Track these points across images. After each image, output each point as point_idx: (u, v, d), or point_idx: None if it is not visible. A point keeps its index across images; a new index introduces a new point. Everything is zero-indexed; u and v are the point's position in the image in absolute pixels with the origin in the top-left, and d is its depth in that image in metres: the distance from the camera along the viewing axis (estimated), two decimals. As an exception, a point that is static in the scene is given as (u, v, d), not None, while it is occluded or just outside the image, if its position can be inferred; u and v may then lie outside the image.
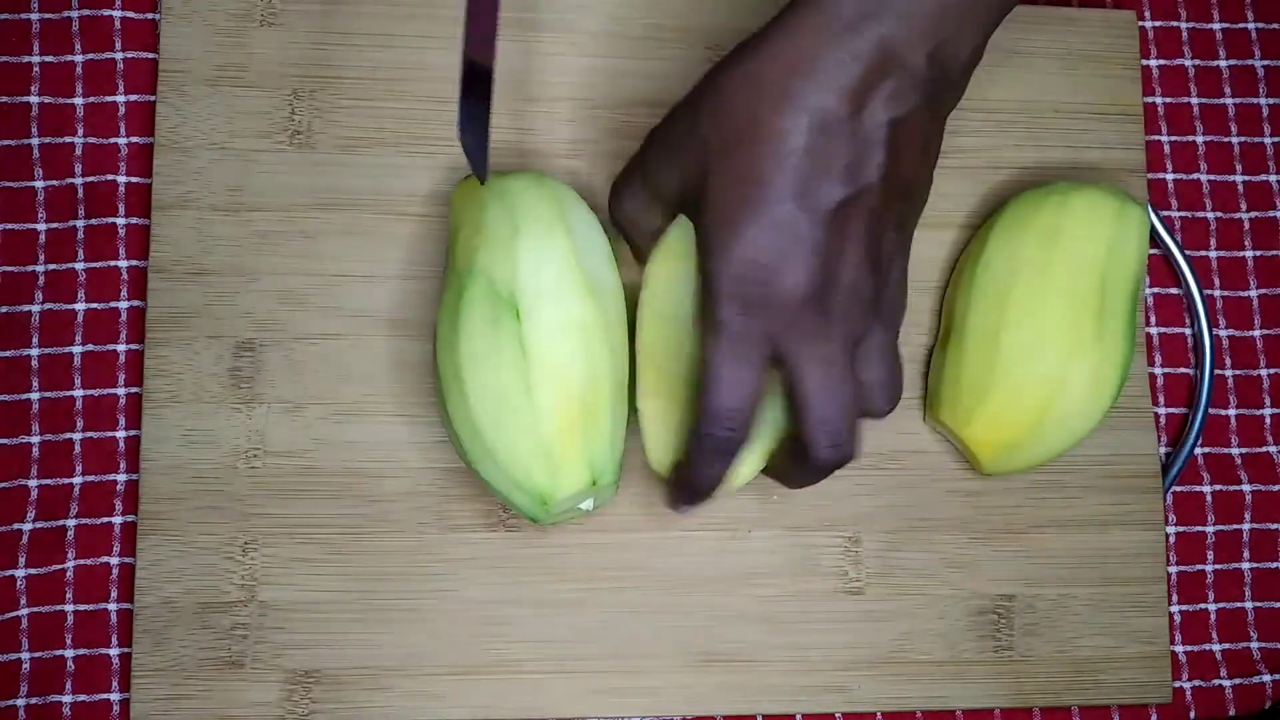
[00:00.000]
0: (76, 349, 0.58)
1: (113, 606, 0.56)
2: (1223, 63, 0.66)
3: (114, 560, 0.56)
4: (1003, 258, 0.57)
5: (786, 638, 0.58)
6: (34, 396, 0.57)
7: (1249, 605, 0.62)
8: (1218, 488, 0.62)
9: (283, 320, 0.58)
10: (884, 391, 0.51)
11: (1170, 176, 0.65)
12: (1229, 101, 0.66)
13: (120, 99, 0.59)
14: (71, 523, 0.56)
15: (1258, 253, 0.65)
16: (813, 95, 0.46)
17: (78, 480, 0.57)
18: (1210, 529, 0.62)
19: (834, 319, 0.48)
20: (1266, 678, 0.61)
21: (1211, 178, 0.65)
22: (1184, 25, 0.66)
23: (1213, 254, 0.65)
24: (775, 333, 0.48)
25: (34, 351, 0.57)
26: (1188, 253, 0.64)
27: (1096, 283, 0.56)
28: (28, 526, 0.56)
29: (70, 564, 0.56)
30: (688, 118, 0.50)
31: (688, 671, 0.57)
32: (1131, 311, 0.57)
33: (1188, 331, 0.64)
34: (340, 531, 0.57)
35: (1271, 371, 0.64)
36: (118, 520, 0.57)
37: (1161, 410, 0.63)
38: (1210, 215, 0.65)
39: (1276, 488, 0.63)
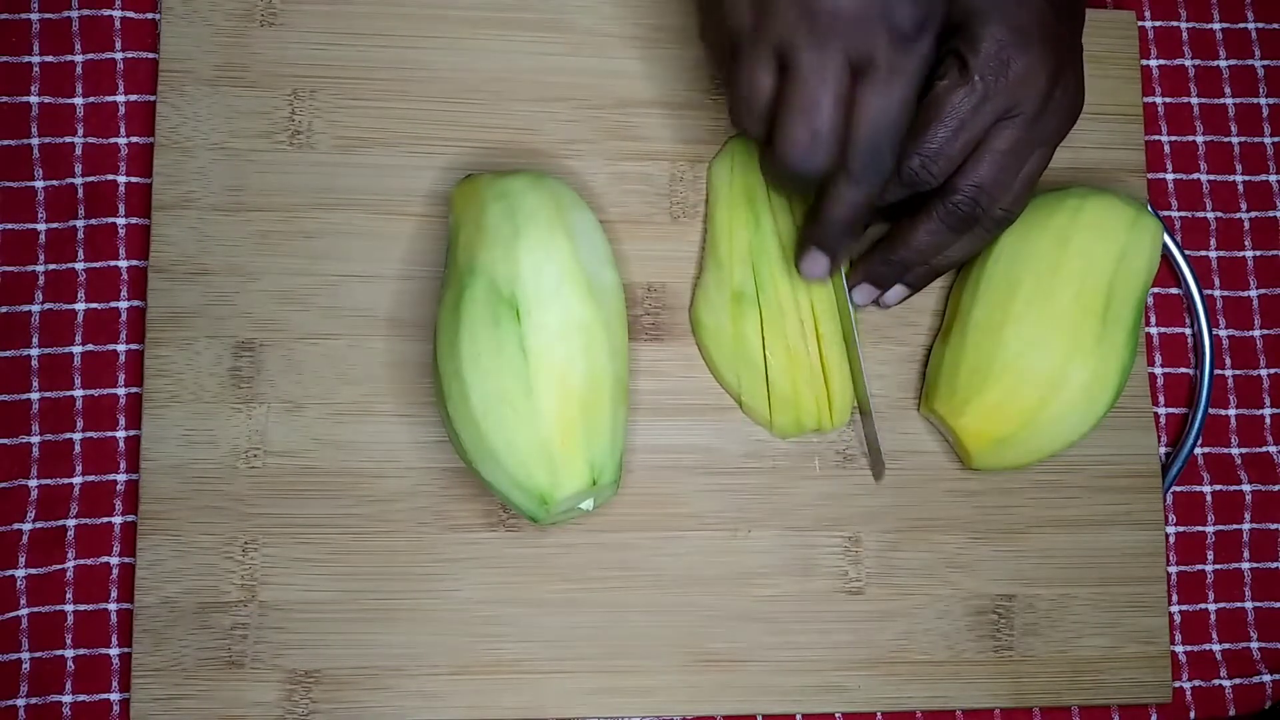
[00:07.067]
0: (76, 349, 0.57)
1: (113, 606, 0.56)
2: (1223, 63, 0.66)
3: (114, 560, 0.56)
4: (1014, 255, 0.57)
5: (786, 637, 0.58)
6: (34, 396, 0.57)
7: (1249, 605, 0.62)
8: (1218, 488, 0.62)
9: (283, 320, 0.58)
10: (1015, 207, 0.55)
11: (1170, 176, 0.65)
12: (1229, 101, 0.66)
13: (120, 99, 0.59)
14: (71, 523, 0.56)
15: (1258, 253, 0.65)
16: None
17: (78, 480, 0.57)
18: (1210, 529, 0.62)
19: (1048, 113, 0.52)
20: (1266, 678, 0.61)
21: (1211, 178, 0.65)
22: (1184, 25, 0.66)
23: (1213, 254, 0.65)
24: (1008, 106, 0.51)
25: (34, 351, 0.57)
26: (1187, 253, 0.64)
27: (1104, 288, 0.56)
28: (28, 526, 0.56)
29: (70, 564, 0.56)
30: None
31: (687, 671, 0.57)
32: (1136, 321, 0.57)
33: (1188, 331, 0.64)
34: (340, 531, 0.57)
35: (1271, 371, 0.64)
36: (118, 520, 0.57)
37: (1161, 410, 0.63)
38: (1210, 215, 0.65)
39: (1276, 488, 0.63)
